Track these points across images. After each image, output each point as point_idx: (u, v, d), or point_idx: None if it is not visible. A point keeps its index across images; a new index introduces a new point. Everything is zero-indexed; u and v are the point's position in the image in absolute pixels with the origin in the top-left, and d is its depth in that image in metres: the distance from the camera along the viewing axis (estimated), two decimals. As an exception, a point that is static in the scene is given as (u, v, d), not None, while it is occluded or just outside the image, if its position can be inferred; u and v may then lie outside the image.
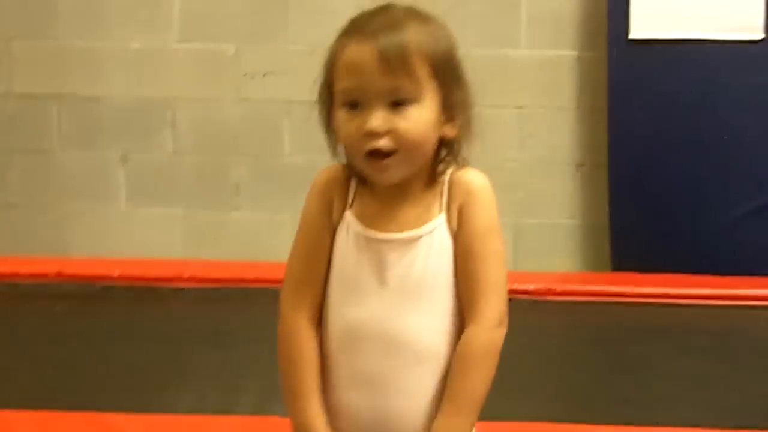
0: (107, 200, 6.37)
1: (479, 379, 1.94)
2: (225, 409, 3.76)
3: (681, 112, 5.76)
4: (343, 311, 1.98)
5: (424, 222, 1.94)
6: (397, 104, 1.91)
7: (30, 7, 6.27)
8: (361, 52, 1.92)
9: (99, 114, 6.32)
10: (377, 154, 1.91)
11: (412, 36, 1.93)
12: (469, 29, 6.03)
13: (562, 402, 4.04)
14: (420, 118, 1.91)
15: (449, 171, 1.99)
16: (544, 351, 4.68)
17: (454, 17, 6.18)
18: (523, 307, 5.21)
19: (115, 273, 5.26)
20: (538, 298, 5.22)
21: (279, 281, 5.11)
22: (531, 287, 5.22)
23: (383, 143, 1.89)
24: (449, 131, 1.97)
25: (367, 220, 1.98)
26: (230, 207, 6.33)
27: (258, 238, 6.29)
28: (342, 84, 1.94)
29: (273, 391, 3.86)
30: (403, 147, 1.91)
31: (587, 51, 6.02)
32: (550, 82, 6.07)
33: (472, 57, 6.18)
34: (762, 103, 5.71)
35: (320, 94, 2.03)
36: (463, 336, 1.93)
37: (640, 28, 5.70)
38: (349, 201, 2.01)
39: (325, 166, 2.07)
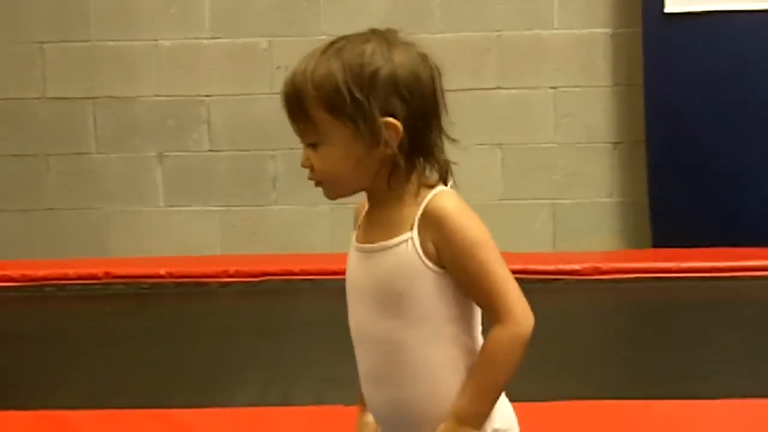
0: (145, 200, 6.41)
1: (504, 371, 2.00)
2: (285, 400, 3.79)
3: (718, 85, 5.76)
4: (349, 318, 2.13)
5: (392, 236, 2.02)
6: (312, 144, 2.03)
7: (61, 9, 6.29)
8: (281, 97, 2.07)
9: (134, 114, 6.36)
10: (313, 181, 2.07)
11: (308, 78, 1.99)
12: (501, 11, 6.06)
13: (615, 379, 4.06)
14: (330, 156, 2.01)
15: (427, 194, 2.03)
16: (592, 329, 4.69)
17: (487, 0, 6.23)
18: (569, 286, 5.24)
19: (162, 271, 5.28)
20: (585, 277, 5.22)
21: (322, 272, 5.20)
22: (577, 267, 5.22)
23: (311, 176, 2.05)
24: (381, 153, 2.00)
25: (359, 234, 2.12)
26: (268, 201, 6.36)
27: (296, 230, 6.32)
28: None
29: (330, 380, 3.93)
30: (325, 180, 2.04)
31: (621, 27, 6.01)
32: (585, 61, 6.08)
33: (506, 39, 6.25)
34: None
35: None
36: (490, 333, 1.99)
37: (674, 2, 5.70)
38: (359, 218, 2.15)
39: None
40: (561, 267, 5.30)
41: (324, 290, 5.07)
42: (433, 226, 1.98)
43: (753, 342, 4.37)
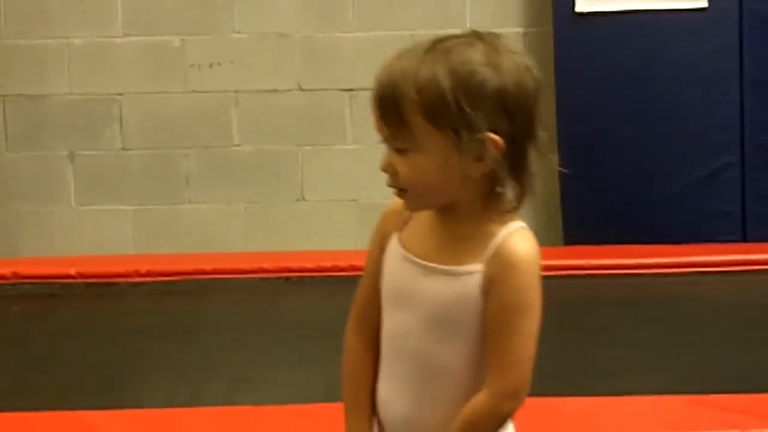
0: (56, 199, 6.34)
1: None
2: (194, 401, 3.77)
3: (627, 82, 5.81)
4: (386, 322, 2.06)
5: (461, 263, 1.95)
6: (402, 150, 1.94)
7: (-31, 7, 6.21)
8: (371, 97, 1.96)
9: (44, 112, 6.28)
10: (393, 188, 1.98)
11: (410, 80, 1.89)
12: (413, 10, 6.07)
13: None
14: (419, 165, 1.92)
15: (502, 225, 1.97)
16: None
17: (399, 1, 6.23)
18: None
19: (72, 271, 5.22)
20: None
21: (237, 272, 5.18)
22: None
23: (390, 181, 1.95)
24: (476, 170, 1.91)
25: (411, 243, 2.01)
26: (181, 200, 6.32)
27: (210, 229, 6.29)
28: None
29: (240, 381, 3.92)
30: (409, 188, 1.95)
31: (533, 26, 6.06)
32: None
33: (418, 38, 6.21)
34: (707, 71, 5.77)
35: None
36: (473, 399, 1.96)
37: (585, 1, 5.74)
38: (402, 226, 2.06)
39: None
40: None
41: (237, 290, 5.05)
42: (501, 267, 1.91)
43: (660, 338, 4.41)
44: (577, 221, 5.96)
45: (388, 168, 1.94)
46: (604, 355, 4.26)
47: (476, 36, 1.98)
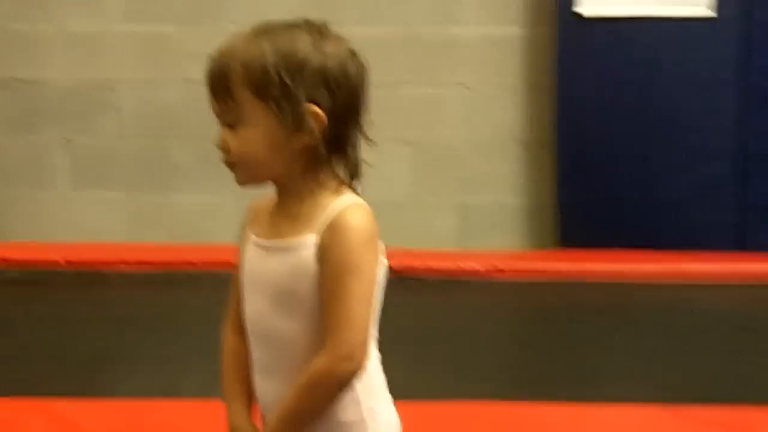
0: (49, 185, 6.31)
1: (310, 405, 2.01)
2: (171, 392, 3.72)
3: (628, 88, 5.77)
4: (245, 309, 2.10)
5: (295, 235, 2.01)
6: (232, 124, 2.00)
7: (-35, -10, 6.17)
8: (205, 74, 2.01)
9: (39, 97, 6.25)
10: (226, 164, 2.03)
11: (238, 57, 1.98)
12: (414, 6, 6.02)
13: (513, 381, 4.04)
14: (249, 138, 1.99)
15: (337, 200, 2.02)
16: (489, 330, 4.68)
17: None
18: (469, 286, 5.21)
19: (60, 258, 5.17)
20: (485, 278, 5.20)
21: (223, 264, 5.12)
22: (478, 267, 5.20)
23: (224, 157, 2.02)
24: (300, 141, 1.99)
25: (258, 229, 2.09)
26: (173, 190, 6.29)
27: (200, 220, 6.25)
28: None
29: (218, 375, 3.85)
30: (239, 162, 2.01)
31: (534, 27, 5.98)
32: (497, 60, 6.04)
33: (418, 35, 6.20)
34: (708, 79, 5.73)
35: None
36: (314, 360, 1.98)
37: (587, 4, 5.70)
38: (256, 218, 2.12)
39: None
40: (461, 266, 5.27)
41: (223, 283, 4.98)
42: (333, 234, 1.96)
43: (649, 347, 4.37)
44: (573, 226, 5.91)
45: (221, 144, 2.01)
46: (589, 361, 4.23)
47: (306, 23, 2.04)
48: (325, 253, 1.96)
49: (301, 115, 1.96)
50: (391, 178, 5.98)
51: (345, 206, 1.99)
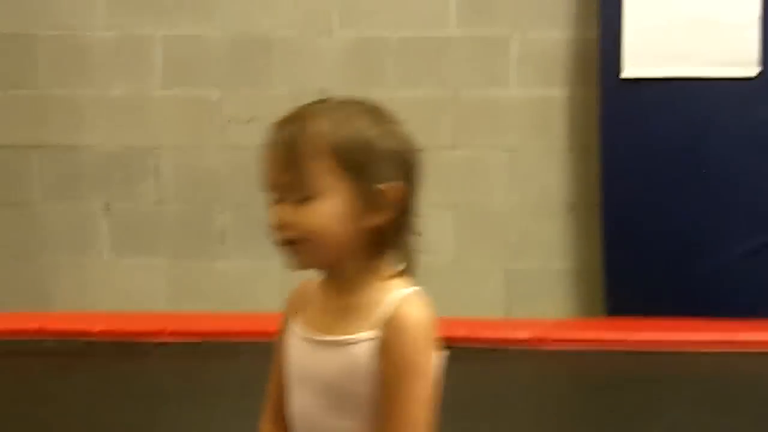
0: (90, 251, 6.23)
1: None
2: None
3: (675, 150, 5.64)
4: (290, 405, 2.00)
5: (352, 331, 1.91)
6: (299, 198, 1.90)
7: (9, 55, 6.15)
8: (268, 146, 1.94)
9: (80, 163, 6.20)
10: (282, 244, 1.92)
11: (313, 129, 1.90)
12: (457, 70, 5.94)
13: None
14: (322, 212, 1.90)
15: (394, 290, 1.93)
16: (535, 401, 4.56)
17: (442, 58, 6.15)
18: (516, 356, 5.09)
19: (96, 328, 5.09)
20: (532, 347, 5.08)
21: (264, 333, 5.02)
22: (524, 336, 5.08)
23: (285, 235, 1.90)
24: (372, 220, 1.92)
25: (307, 321, 1.98)
26: (215, 256, 6.19)
27: (244, 287, 6.14)
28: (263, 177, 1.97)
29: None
30: (305, 239, 1.90)
31: (578, 89, 5.89)
32: (541, 122, 5.94)
33: (461, 98, 6.12)
34: (757, 141, 5.60)
35: None
36: None
37: (632, 66, 5.59)
38: (303, 307, 2.01)
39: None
40: (508, 335, 5.16)
41: (266, 352, 4.88)
42: (393, 332, 1.88)
43: (700, 420, 4.21)
44: (620, 291, 5.77)
45: (281, 220, 1.90)
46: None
47: (360, 101, 2.00)
48: (384, 351, 1.88)
49: (377, 192, 1.90)
50: (436, 242, 5.88)
51: (404, 297, 1.91)
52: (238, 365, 4.85)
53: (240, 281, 6.16)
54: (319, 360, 1.93)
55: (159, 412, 4.24)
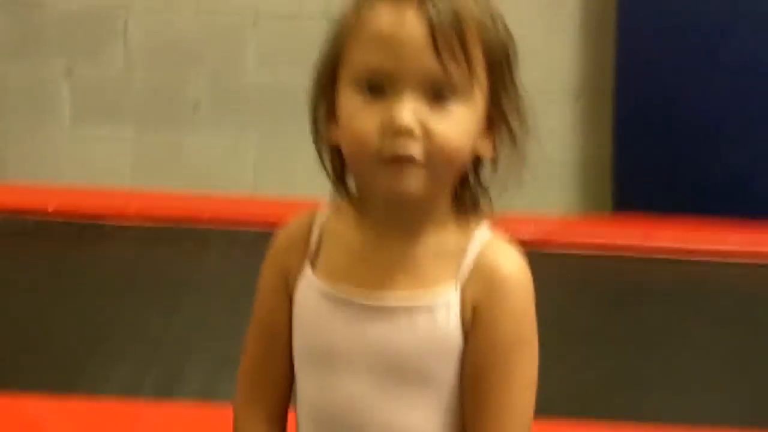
0: (48, 118, 6.00)
1: None
2: (165, 389, 3.17)
3: (699, 36, 5.30)
4: (309, 392, 1.54)
5: (429, 288, 1.47)
6: (438, 97, 1.43)
7: None
8: (400, 17, 1.43)
9: (41, 22, 5.93)
10: (401, 161, 1.42)
11: (472, 8, 1.48)
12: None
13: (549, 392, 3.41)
14: (464, 121, 1.47)
15: (474, 237, 1.53)
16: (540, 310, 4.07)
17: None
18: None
19: (51, 206, 4.60)
20: (533, 248, 4.59)
21: (238, 222, 4.56)
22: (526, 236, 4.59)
23: (415, 149, 1.42)
24: (485, 149, 1.55)
25: (336, 275, 1.51)
26: (187, 129, 5.96)
27: (218, 163, 5.94)
28: (365, 58, 1.45)
29: (224, 364, 3.29)
30: (435, 159, 1.43)
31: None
32: (550, -1, 5.67)
33: None
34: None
35: (320, 73, 1.54)
36: None
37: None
38: (313, 256, 1.52)
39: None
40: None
41: (237, 242, 4.41)
42: (487, 291, 1.50)
43: (731, 343, 3.73)
44: (630, 186, 5.53)
45: (418, 126, 1.43)
46: (655, 363, 3.59)
47: None
48: (478, 317, 1.48)
49: (507, 115, 1.55)
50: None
51: (494, 245, 1.53)
52: (209, 253, 4.41)
53: (211, 158, 5.95)
54: (373, 330, 1.49)
55: (118, 306, 3.78)
